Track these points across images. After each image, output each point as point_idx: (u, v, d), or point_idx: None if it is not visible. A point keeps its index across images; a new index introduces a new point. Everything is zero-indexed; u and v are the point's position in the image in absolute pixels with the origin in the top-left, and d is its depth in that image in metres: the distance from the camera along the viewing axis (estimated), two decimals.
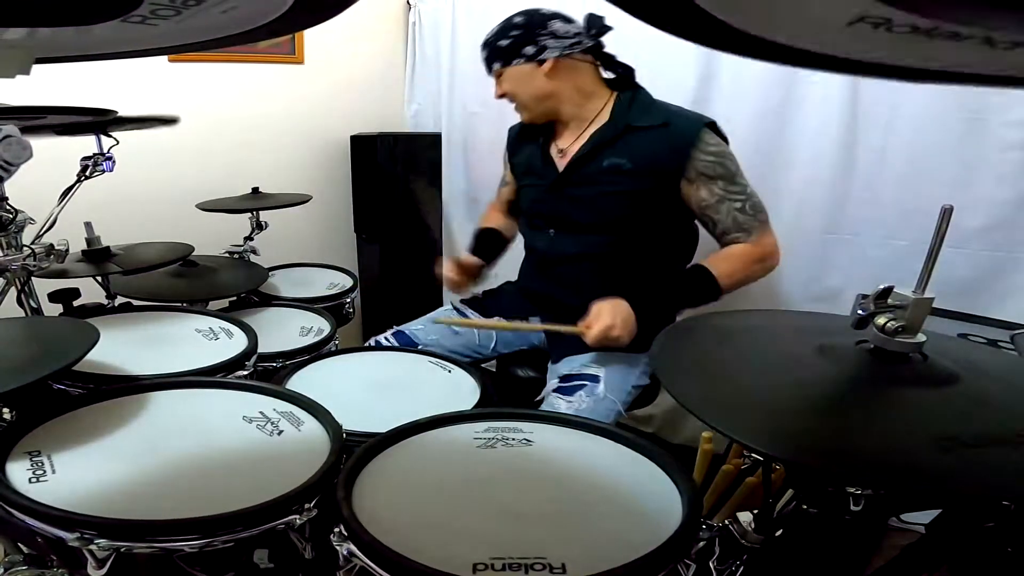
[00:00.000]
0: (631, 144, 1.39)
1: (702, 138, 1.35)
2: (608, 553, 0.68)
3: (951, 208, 0.67)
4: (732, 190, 1.37)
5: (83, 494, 0.76)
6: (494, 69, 1.48)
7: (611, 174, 1.40)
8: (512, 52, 1.43)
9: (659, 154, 1.37)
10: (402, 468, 0.87)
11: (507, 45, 1.43)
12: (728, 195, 1.37)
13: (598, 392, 1.37)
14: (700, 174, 1.36)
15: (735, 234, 1.38)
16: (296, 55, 2.43)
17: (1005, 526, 0.71)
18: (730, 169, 1.37)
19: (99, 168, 1.45)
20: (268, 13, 0.43)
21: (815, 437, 0.63)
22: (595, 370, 1.41)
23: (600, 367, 1.41)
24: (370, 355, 1.44)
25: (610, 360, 1.43)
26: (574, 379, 1.40)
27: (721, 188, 1.36)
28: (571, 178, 1.46)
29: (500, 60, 1.46)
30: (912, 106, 1.58)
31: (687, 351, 0.81)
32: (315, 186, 2.30)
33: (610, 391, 1.37)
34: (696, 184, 1.37)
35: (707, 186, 1.36)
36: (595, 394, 1.36)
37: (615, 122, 1.42)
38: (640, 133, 1.39)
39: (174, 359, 1.15)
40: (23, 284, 1.24)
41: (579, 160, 1.44)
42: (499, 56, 1.46)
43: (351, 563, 0.69)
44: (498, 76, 1.49)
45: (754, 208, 1.38)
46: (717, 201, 1.37)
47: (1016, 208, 1.51)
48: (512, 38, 1.43)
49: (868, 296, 0.70)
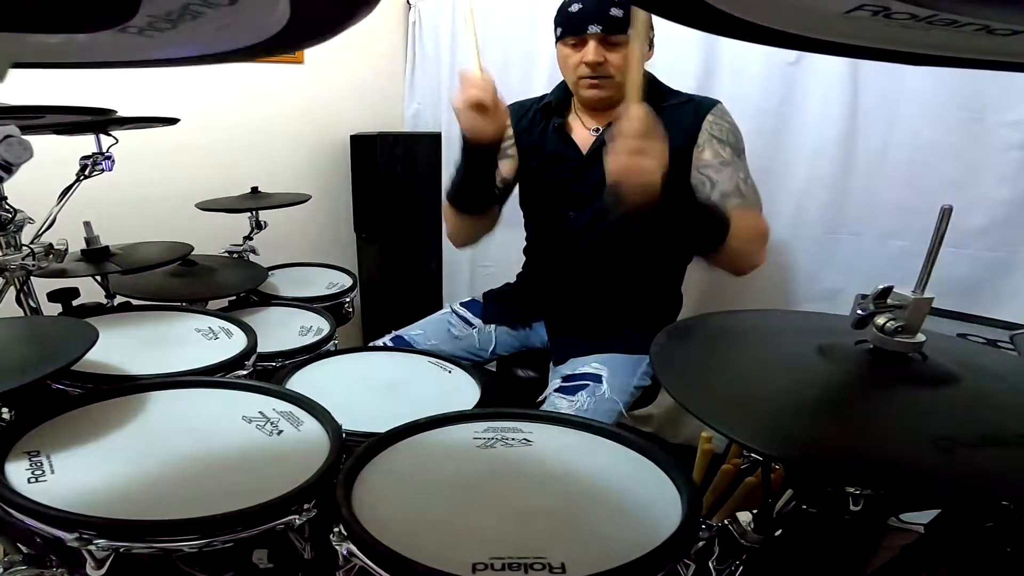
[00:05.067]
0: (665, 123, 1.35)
1: (720, 108, 1.38)
2: (608, 553, 0.68)
3: (951, 208, 0.67)
4: (739, 163, 1.35)
5: (82, 494, 0.75)
6: (627, 32, 1.31)
7: None
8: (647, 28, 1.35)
9: (684, 127, 1.36)
10: (402, 468, 0.86)
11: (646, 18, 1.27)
12: (735, 163, 1.34)
13: (600, 392, 1.36)
14: (712, 136, 1.35)
15: (736, 199, 1.31)
16: (296, 55, 2.43)
17: (1005, 526, 0.71)
18: (740, 144, 1.36)
19: (98, 168, 1.45)
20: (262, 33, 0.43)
21: (815, 437, 0.63)
22: (598, 370, 1.40)
23: (603, 367, 1.40)
24: (370, 355, 1.43)
25: (614, 360, 1.42)
26: (576, 379, 1.40)
27: (730, 154, 1.35)
28: (599, 158, 1.40)
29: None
30: (912, 106, 1.59)
31: (687, 351, 0.81)
32: (315, 186, 2.30)
33: (613, 391, 1.36)
34: (703, 147, 1.35)
35: (714, 148, 1.34)
36: (597, 394, 1.35)
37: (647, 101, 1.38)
38: (668, 110, 1.36)
39: (174, 359, 1.15)
40: (22, 284, 1.24)
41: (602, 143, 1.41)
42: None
43: (351, 563, 0.69)
44: (617, 43, 1.34)
45: (754, 190, 1.36)
46: (721, 163, 1.33)
47: (1016, 208, 1.51)
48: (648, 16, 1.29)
49: (868, 296, 0.70)
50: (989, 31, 0.32)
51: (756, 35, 0.38)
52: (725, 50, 1.83)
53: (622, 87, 1.32)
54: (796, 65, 1.73)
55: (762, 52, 1.76)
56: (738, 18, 0.35)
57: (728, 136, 1.36)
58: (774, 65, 1.75)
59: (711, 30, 0.39)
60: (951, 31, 0.33)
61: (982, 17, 0.31)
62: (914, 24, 0.32)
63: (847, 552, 0.88)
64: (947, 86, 1.52)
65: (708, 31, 0.40)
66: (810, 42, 0.39)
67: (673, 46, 1.87)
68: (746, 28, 0.37)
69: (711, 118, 1.37)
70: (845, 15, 0.32)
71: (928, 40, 0.36)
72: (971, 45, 0.36)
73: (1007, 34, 0.32)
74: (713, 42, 1.83)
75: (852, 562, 0.92)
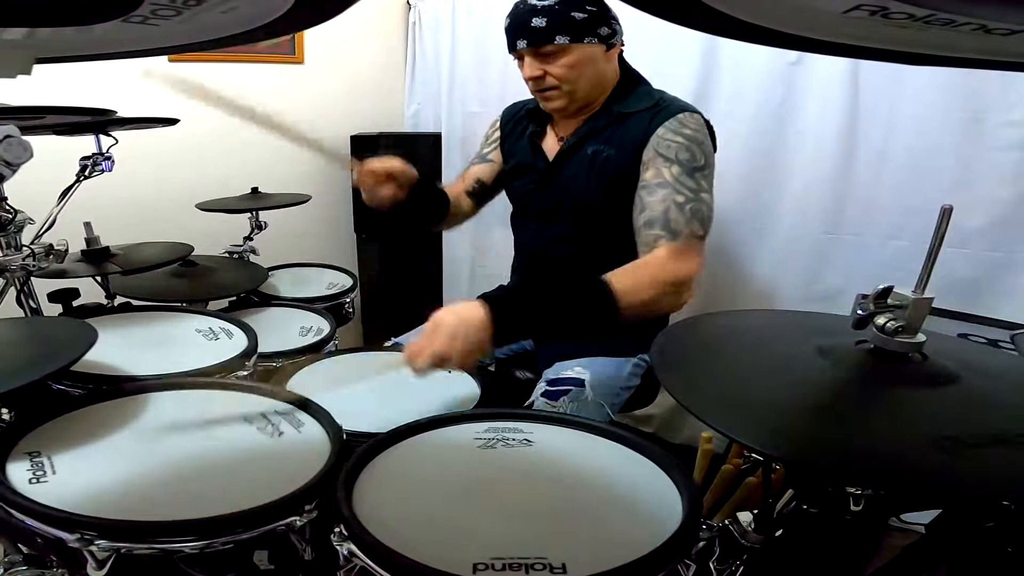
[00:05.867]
0: (619, 131, 1.32)
1: (679, 119, 1.24)
2: (608, 553, 0.68)
3: (951, 208, 0.67)
4: (684, 182, 1.20)
5: (83, 495, 0.76)
6: (556, 42, 1.26)
7: (592, 162, 1.34)
8: (588, 28, 1.26)
9: (629, 142, 1.28)
10: (402, 468, 0.86)
11: (583, 19, 1.26)
12: (676, 184, 1.20)
13: (583, 396, 1.34)
14: (657, 153, 1.23)
15: (657, 230, 1.18)
16: (296, 55, 2.43)
17: (1005, 526, 0.71)
18: (695, 160, 1.21)
19: (98, 168, 1.46)
20: (269, 13, 0.43)
21: (815, 437, 0.63)
22: (580, 373, 1.37)
23: (585, 370, 1.38)
24: (370, 355, 1.43)
25: (597, 363, 1.40)
26: (560, 383, 1.37)
27: (671, 173, 1.20)
28: (559, 169, 1.41)
29: (569, 34, 1.26)
30: (912, 106, 1.59)
31: (687, 351, 0.81)
32: (315, 186, 2.30)
33: (597, 394, 1.34)
34: (647, 165, 1.24)
35: (656, 166, 1.22)
36: (580, 398, 1.33)
37: (608, 110, 1.36)
38: (631, 119, 1.31)
39: (174, 359, 1.15)
40: (22, 284, 1.24)
41: (567, 150, 1.40)
42: (570, 29, 1.25)
43: (351, 563, 0.69)
44: (552, 52, 1.28)
45: (696, 215, 1.19)
46: (658, 184, 1.20)
47: (1016, 208, 1.51)
48: (589, 12, 1.26)
49: (868, 296, 0.70)
50: (987, 31, 0.32)
51: (756, 35, 0.38)
52: (725, 50, 1.83)
53: (576, 93, 1.33)
54: (796, 65, 1.73)
55: (762, 52, 1.76)
56: (738, 18, 0.35)
57: (677, 153, 1.22)
58: (774, 65, 1.75)
59: (711, 31, 0.39)
60: (949, 31, 0.33)
61: (979, 17, 0.31)
62: (912, 24, 0.32)
63: (847, 552, 0.88)
64: (947, 86, 1.52)
65: (708, 31, 0.40)
66: (809, 42, 0.39)
67: (673, 46, 1.87)
68: (746, 28, 0.37)
69: (661, 131, 1.25)
70: (843, 15, 0.33)
71: (926, 40, 0.36)
72: (969, 45, 0.36)
73: (1005, 33, 0.33)
74: (713, 42, 1.83)
75: (852, 562, 0.92)
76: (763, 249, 1.88)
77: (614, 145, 1.32)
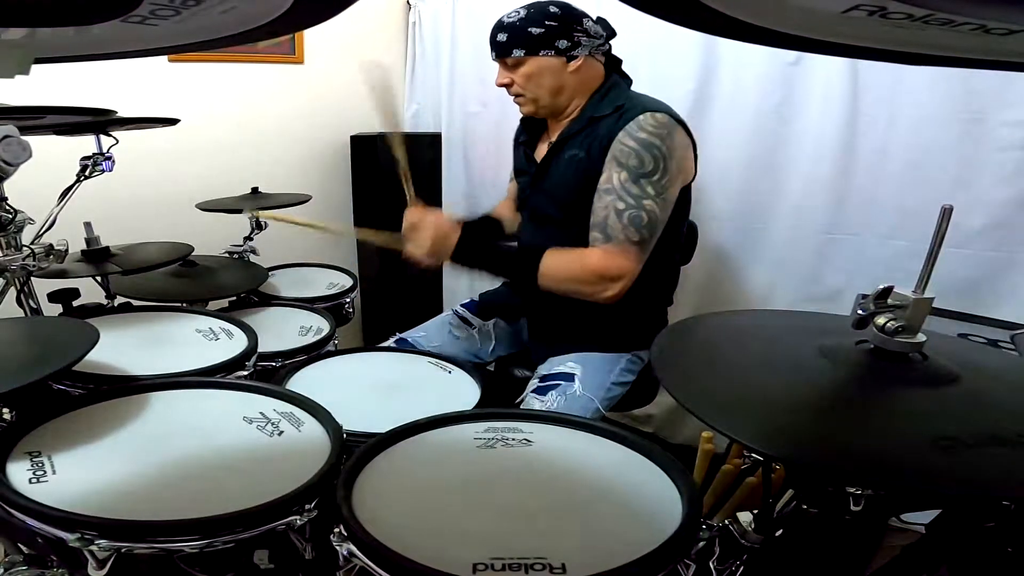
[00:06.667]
0: (591, 135, 1.37)
1: (637, 121, 1.28)
2: (608, 553, 0.68)
3: (951, 208, 0.67)
4: (628, 189, 1.27)
5: (83, 495, 0.76)
6: (513, 55, 1.37)
7: (569, 166, 1.39)
8: (544, 42, 1.35)
9: (595, 146, 1.34)
10: (402, 468, 0.87)
11: (540, 34, 1.34)
12: (620, 191, 1.27)
13: (572, 391, 1.36)
14: (612, 157, 1.29)
15: (595, 233, 1.31)
16: (296, 55, 2.43)
17: (1005, 526, 0.71)
18: (643, 165, 1.26)
19: (98, 168, 1.45)
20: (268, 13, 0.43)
21: (815, 437, 0.63)
22: (571, 368, 1.40)
23: (577, 365, 1.41)
24: (370, 355, 1.44)
25: (590, 359, 1.43)
26: (550, 379, 1.40)
27: (619, 180, 1.27)
28: (545, 172, 1.47)
29: (525, 47, 1.36)
30: (912, 106, 1.58)
31: (687, 351, 0.81)
32: (315, 186, 2.30)
33: (587, 389, 1.37)
34: (606, 168, 1.31)
35: (610, 171, 1.30)
36: (568, 393, 1.36)
37: (583, 115, 1.41)
38: (600, 122, 1.36)
39: (174, 359, 1.15)
40: (23, 284, 1.24)
41: (549, 154, 1.45)
42: (526, 43, 1.36)
43: (351, 563, 0.69)
44: (513, 64, 1.40)
45: (634, 221, 1.27)
46: (606, 190, 1.29)
47: (1016, 208, 1.50)
48: (547, 27, 1.34)
49: (868, 296, 0.70)
50: (986, 30, 0.32)
51: (755, 35, 0.38)
52: (725, 50, 1.83)
53: (539, 100, 1.42)
54: (796, 65, 1.73)
55: (762, 52, 1.76)
56: (737, 18, 0.35)
57: (630, 158, 1.27)
58: (774, 65, 1.75)
59: (710, 31, 0.39)
60: (948, 30, 0.33)
61: (978, 17, 0.31)
62: (910, 24, 0.32)
63: (847, 552, 0.88)
64: (947, 86, 1.52)
65: (707, 31, 0.40)
66: (808, 42, 0.39)
67: (673, 47, 1.87)
68: (745, 28, 0.37)
69: (621, 135, 1.29)
70: (842, 15, 0.33)
71: (925, 40, 0.36)
72: (968, 44, 0.36)
73: (1003, 33, 0.33)
74: (713, 42, 1.83)
75: (852, 562, 0.92)
76: (763, 249, 1.88)
77: (585, 148, 1.37)
